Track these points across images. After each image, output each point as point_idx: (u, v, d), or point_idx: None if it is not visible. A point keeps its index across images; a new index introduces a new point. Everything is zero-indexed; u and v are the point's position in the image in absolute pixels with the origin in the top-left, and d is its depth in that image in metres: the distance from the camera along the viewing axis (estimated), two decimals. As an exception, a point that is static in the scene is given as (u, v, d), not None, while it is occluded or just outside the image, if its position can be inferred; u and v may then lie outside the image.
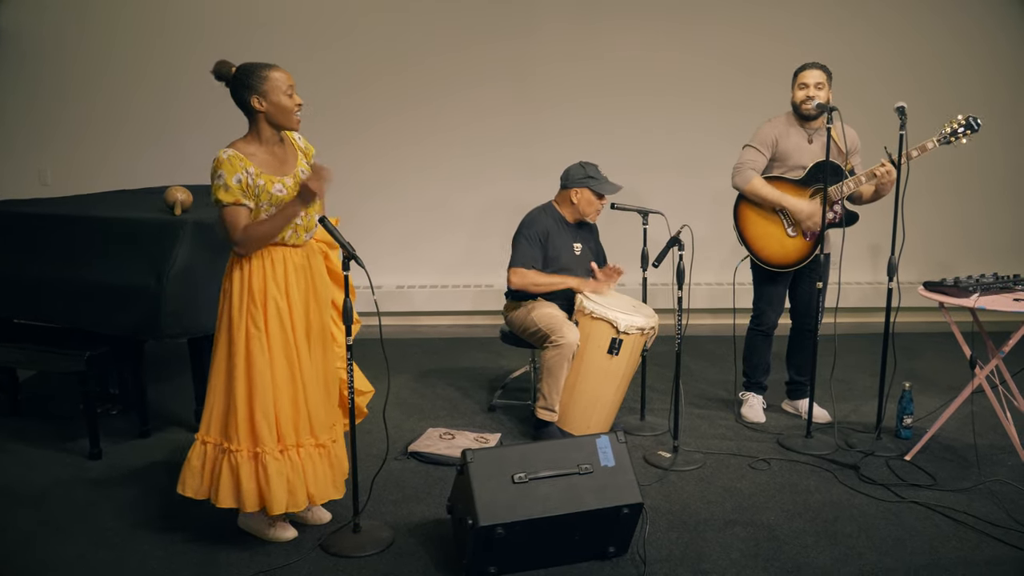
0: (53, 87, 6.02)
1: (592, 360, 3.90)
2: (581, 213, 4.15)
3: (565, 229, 4.17)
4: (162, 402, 4.40)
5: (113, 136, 6.07)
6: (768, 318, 4.29)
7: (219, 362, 3.01)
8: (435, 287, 6.04)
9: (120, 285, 3.76)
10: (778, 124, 4.14)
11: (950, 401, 3.96)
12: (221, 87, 2.95)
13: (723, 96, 6.01)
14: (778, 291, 4.26)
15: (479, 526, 2.75)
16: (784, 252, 4.13)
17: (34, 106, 6.06)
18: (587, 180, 4.09)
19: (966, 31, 6.04)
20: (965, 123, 3.81)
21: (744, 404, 4.40)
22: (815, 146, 4.08)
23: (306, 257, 3.06)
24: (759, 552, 3.08)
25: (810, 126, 4.11)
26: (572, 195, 4.13)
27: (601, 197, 4.11)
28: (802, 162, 4.09)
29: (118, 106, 6.05)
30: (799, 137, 4.10)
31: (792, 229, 4.10)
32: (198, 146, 5.92)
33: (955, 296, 3.63)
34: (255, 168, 2.89)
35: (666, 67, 6.02)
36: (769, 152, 4.11)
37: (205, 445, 3.05)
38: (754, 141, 4.13)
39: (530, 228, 4.13)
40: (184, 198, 4.01)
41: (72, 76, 6.01)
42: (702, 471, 3.74)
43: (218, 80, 2.92)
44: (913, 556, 3.05)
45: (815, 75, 4.01)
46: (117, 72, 6.02)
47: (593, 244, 4.31)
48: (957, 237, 6.14)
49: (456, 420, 4.36)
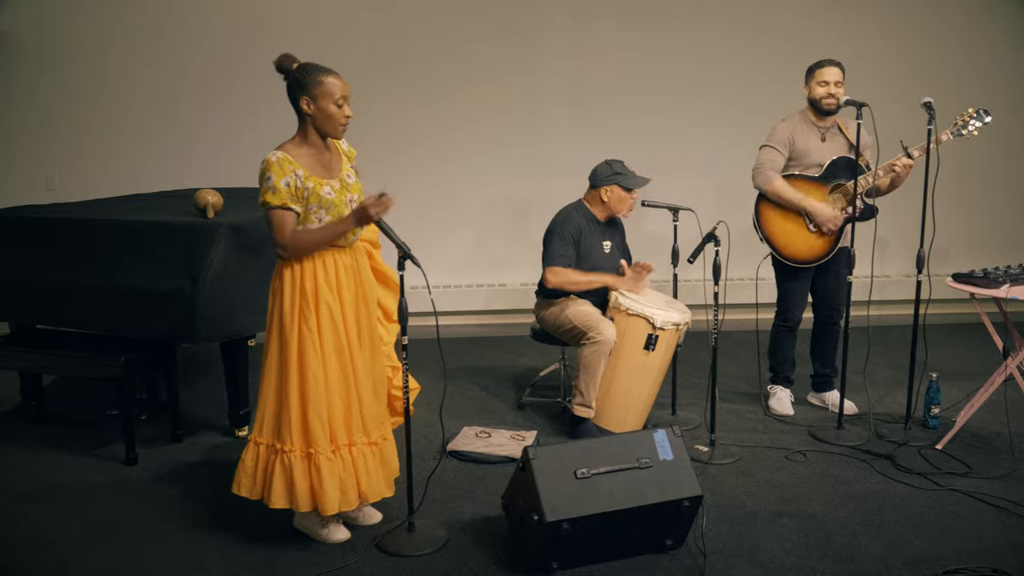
0: (57, 91, 5.95)
1: (628, 356, 3.93)
2: (613, 210, 4.18)
3: (596, 228, 4.20)
4: (190, 406, 4.37)
5: (119, 140, 6.00)
6: (793, 314, 4.35)
7: (271, 364, 3.01)
8: (448, 287, 6.06)
9: (154, 289, 3.73)
10: (793, 123, 4.21)
11: (975, 391, 4.04)
12: (229, 89, 2.94)
13: (730, 95, 6.05)
14: (801, 287, 4.32)
15: (546, 522, 2.76)
16: (807, 248, 4.19)
17: (38, 110, 5.98)
18: (615, 177, 4.11)
19: (973, 28, 6.14)
20: (975, 115, 3.94)
21: (772, 397, 4.46)
22: (828, 144, 4.16)
23: (354, 258, 3.07)
24: (811, 542, 3.13)
25: (823, 124, 4.18)
26: (602, 194, 4.15)
27: (630, 191, 4.14)
28: (817, 160, 4.16)
29: (123, 109, 5.98)
30: (814, 135, 4.18)
31: (813, 226, 4.16)
32: (206, 149, 5.93)
33: (985, 287, 3.71)
34: (304, 171, 2.89)
35: (674, 66, 6.06)
36: (787, 151, 4.18)
37: (258, 446, 3.05)
38: (771, 141, 4.19)
39: (563, 226, 4.14)
40: (215, 201, 3.99)
41: (76, 79, 5.94)
42: (740, 464, 3.79)
43: (278, 72, 2.91)
44: (961, 542, 3.11)
45: (835, 72, 4.08)
46: (121, 75, 5.95)
47: (620, 242, 4.35)
48: (967, 231, 6.24)
49: (488, 419, 4.37)
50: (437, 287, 5.94)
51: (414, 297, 3.04)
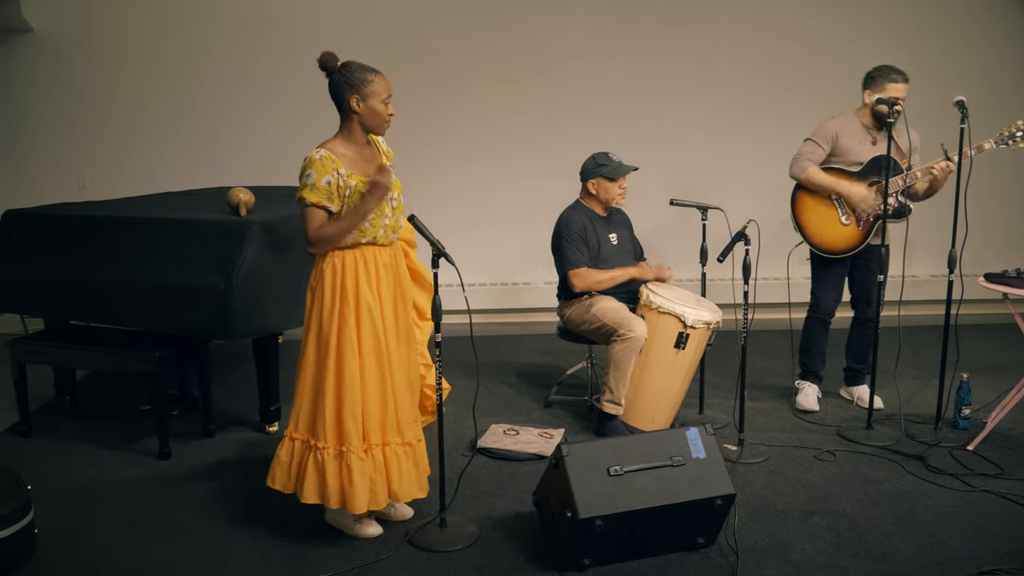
0: (88, 89, 6.03)
1: (658, 354, 3.94)
2: (606, 200, 4.24)
3: (598, 222, 4.25)
4: (221, 402, 4.41)
5: (150, 138, 6.07)
6: (824, 304, 4.37)
7: (308, 360, 3.04)
8: (471, 285, 6.07)
9: (188, 286, 3.77)
10: (842, 121, 4.23)
11: (1007, 391, 4.02)
12: (249, 87, 2.97)
13: (748, 98, 6.04)
14: (834, 277, 4.34)
15: (579, 519, 2.78)
16: (838, 238, 4.22)
17: (70, 109, 6.06)
18: (599, 169, 4.20)
19: (981, 26, 6.08)
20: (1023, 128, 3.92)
21: (799, 392, 4.46)
22: (879, 147, 4.16)
23: (394, 256, 3.10)
24: (842, 541, 3.13)
25: (876, 128, 4.19)
26: (591, 187, 4.24)
27: (615, 180, 4.19)
28: (861, 158, 4.18)
29: (155, 108, 6.05)
30: (863, 137, 4.20)
31: (846, 217, 4.20)
32: (225, 147, 5.99)
33: (1018, 287, 3.69)
34: (346, 169, 2.92)
35: (694, 68, 6.06)
36: (828, 147, 4.21)
37: (293, 441, 3.08)
38: (815, 135, 4.24)
39: (569, 228, 4.18)
40: (247, 199, 4.03)
41: (108, 77, 6.02)
42: (769, 463, 3.79)
43: (322, 70, 2.94)
44: (994, 543, 3.10)
45: (905, 89, 4.10)
46: (143, 73, 6.02)
47: (627, 232, 4.39)
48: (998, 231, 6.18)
49: (515, 416, 4.39)
50: (452, 286, 5.93)
51: (444, 295, 3.05)
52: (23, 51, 6.00)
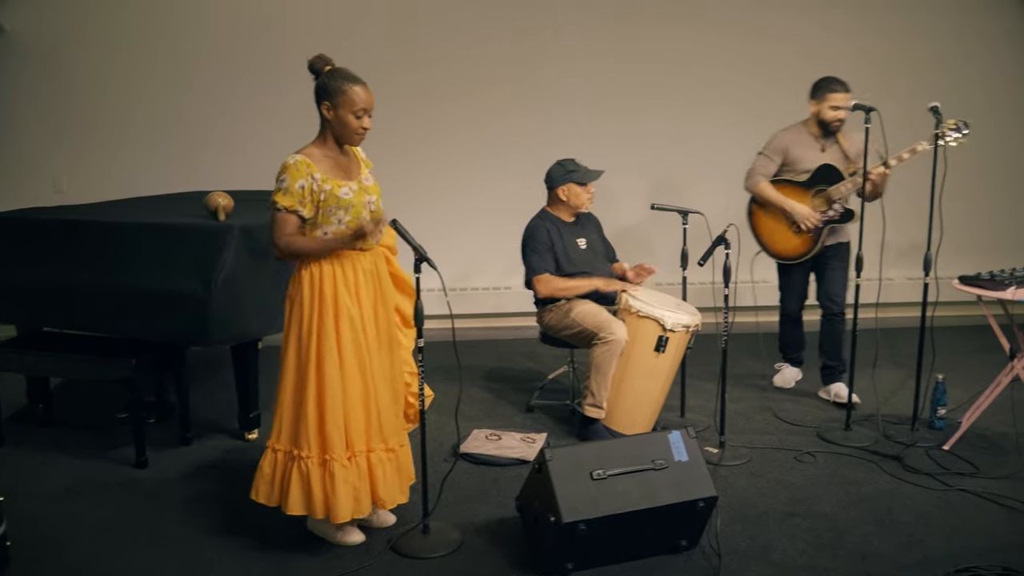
0: (63, 92, 5.95)
1: (639, 358, 3.95)
2: (576, 206, 4.28)
3: (565, 229, 4.29)
4: (199, 409, 4.36)
5: (125, 142, 6.01)
6: (788, 305, 4.70)
7: (288, 369, 3.01)
8: (453, 290, 6.06)
9: (166, 291, 3.74)
10: (791, 133, 4.49)
11: (980, 392, 4.07)
12: (238, 90, 2.96)
13: (731, 102, 6.08)
14: (794, 280, 4.63)
15: (562, 523, 2.78)
16: (790, 246, 4.52)
17: (44, 112, 5.98)
18: (569, 175, 4.25)
19: (975, 29, 6.16)
20: (955, 126, 4.04)
21: (777, 373, 4.89)
22: (827, 154, 4.41)
23: (374, 262, 3.08)
24: (823, 542, 3.15)
25: (825, 137, 4.43)
26: (560, 194, 4.27)
27: (585, 185, 4.24)
28: (812, 167, 4.41)
29: (129, 111, 5.98)
30: (812, 146, 4.44)
31: (795, 227, 4.46)
32: (213, 150, 5.93)
33: (992, 289, 3.73)
34: (321, 174, 2.91)
35: (680, 72, 6.09)
36: (779, 159, 4.49)
37: (276, 453, 3.05)
38: (766, 149, 4.53)
39: (534, 237, 4.23)
40: (226, 203, 3.99)
41: (82, 81, 5.94)
42: (750, 465, 3.81)
43: (311, 72, 2.93)
44: (971, 541, 3.14)
45: (846, 97, 4.31)
46: (127, 76, 5.96)
47: (596, 236, 4.43)
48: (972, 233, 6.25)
49: (497, 421, 4.38)
50: (433, 291, 5.92)
51: (426, 300, 3.04)
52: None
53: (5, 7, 5.80)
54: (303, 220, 2.93)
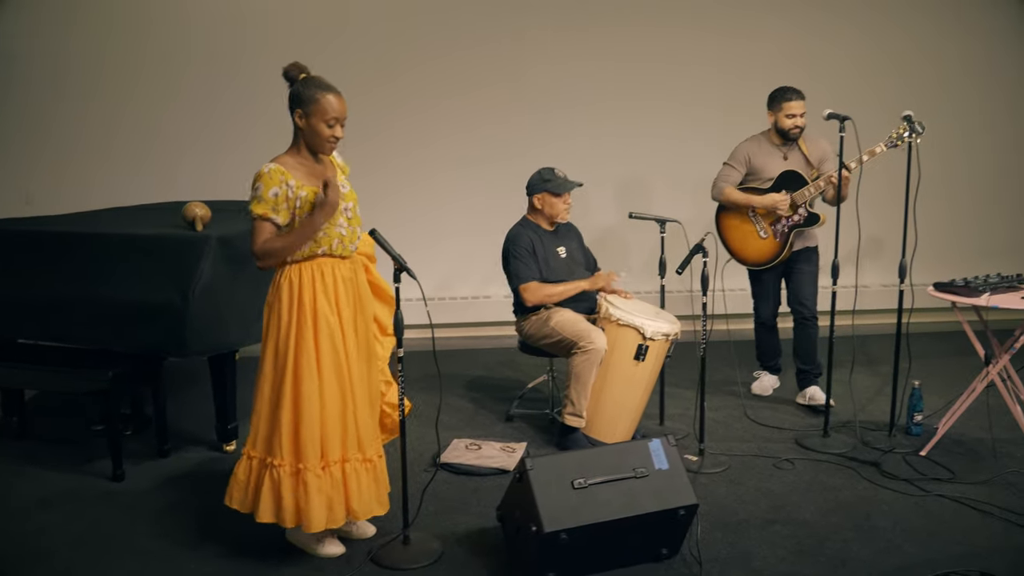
0: (34, 103, 5.88)
1: (618, 367, 3.96)
2: (551, 215, 4.29)
3: (545, 237, 4.30)
4: (176, 420, 4.31)
5: (97, 153, 5.94)
6: (761, 312, 4.76)
7: (265, 377, 3.00)
8: (432, 299, 6.04)
9: (143, 302, 3.71)
10: (752, 143, 4.59)
11: (956, 397, 4.11)
12: (212, 103, 2.95)
13: (711, 101, 6.11)
14: (765, 286, 4.70)
15: (544, 532, 2.77)
16: (758, 252, 4.58)
17: (14, 124, 5.90)
18: (544, 184, 4.25)
19: (963, 35, 6.24)
20: (909, 127, 4.08)
21: (756, 381, 4.91)
22: (789, 163, 4.49)
23: (353, 270, 3.07)
24: (803, 548, 3.17)
25: (786, 145, 4.51)
26: (536, 202, 4.29)
27: (560, 196, 4.23)
28: (774, 175, 4.49)
29: (102, 122, 5.92)
30: (774, 154, 4.53)
31: (763, 232, 4.52)
32: (188, 163, 5.89)
33: (966, 296, 3.78)
34: (296, 181, 2.90)
35: (660, 73, 6.12)
36: (743, 168, 4.57)
37: (251, 459, 3.03)
38: (730, 159, 4.62)
39: (517, 244, 4.22)
40: (203, 213, 3.97)
41: (53, 91, 5.87)
42: (730, 473, 3.83)
43: (285, 80, 2.93)
44: (949, 546, 3.17)
45: (801, 105, 4.42)
46: (100, 87, 5.90)
47: (576, 245, 4.43)
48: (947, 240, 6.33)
49: (476, 431, 4.37)
50: (411, 300, 5.90)
51: (405, 309, 3.04)
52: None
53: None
54: (279, 228, 2.91)
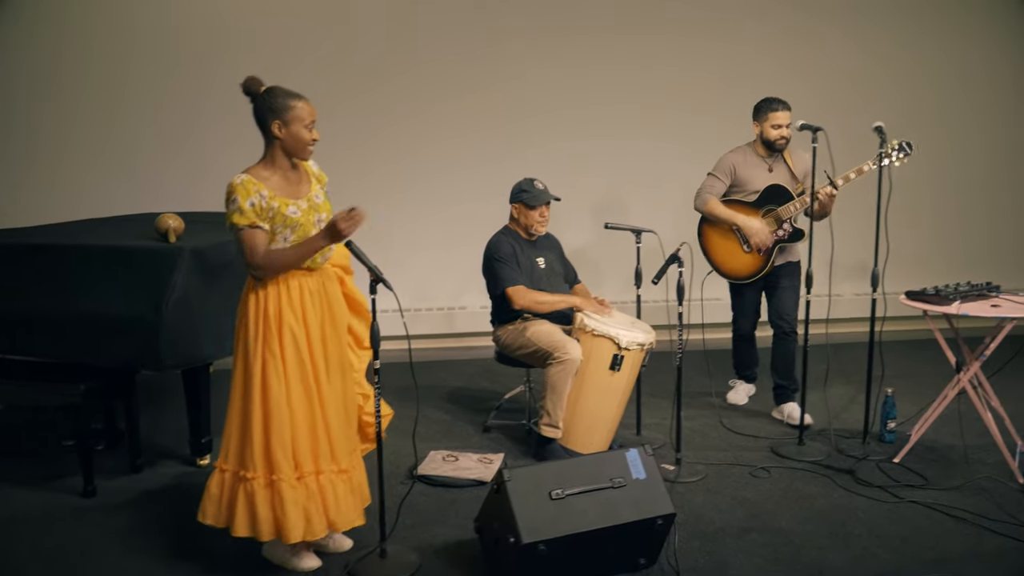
0: (4, 112, 5.80)
1: (594, 377, 3.96)
2: (525, 226, 4.29)
3: (526, 246, 4.30)
4: (149, 435, 4.26)
5: (67, 166, 5.86)
6: (741, 325, 4.76)
7: (236, 389, 2.99)
8: (408, 310, 6.03)
9: (116, 315, 3.67)
10: (739, 154, 4.55)
11: (928, 405, 4.15)
12: (184, 112, 2.93)
13: (683, 122, 6.16)
14: (746, 300, 4.68)
15: (522, 543, 2.77)
16: (741, 265, 4.54)
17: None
18: (520, 195, 4.26)
19: (938, 45, 6.32)
20: (899, 147, 4.16)
21: (731, 390, 4.94)
22: (774, 175, 4.46)
23: (321, 282, 3.06)
24: (779, 557, 3.19)
25: (771, 156, 4.49)
26: (513, 212, 4.30)
27: (534, 208, 4.23)
28: (760, 188, 4.47)
29: (72, 135, 5.85)
30: (759, 166, 4.50)
31: (747, 246, 4.49)
32: (157, 175, 5.83)
33: (937, 304, 3.83)
34: (268, 191, 2.89)
35: (630, 90, 6.17)
36: (728, 179, 4.53)
37: (223, 473, 3.01)
38: (715, 169, 4.57)
39: (499, 251, 4.22)
40: (176, 225, 3.93)
41: (22, 103, 5.80)
42: (706, 482, 3.84)
43: (246, 95, 2.92)
44: (923, 552, 3.20)
45: (787, 116, 4.40)
46: (71, 99, 5.83)
47: (556, 256, 4.44)
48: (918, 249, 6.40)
49: (453, 442, 4.35)
50: (387, 312, 5.87)
51: (381, 320, 3.02)
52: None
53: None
54: (267, 233, 2.90)
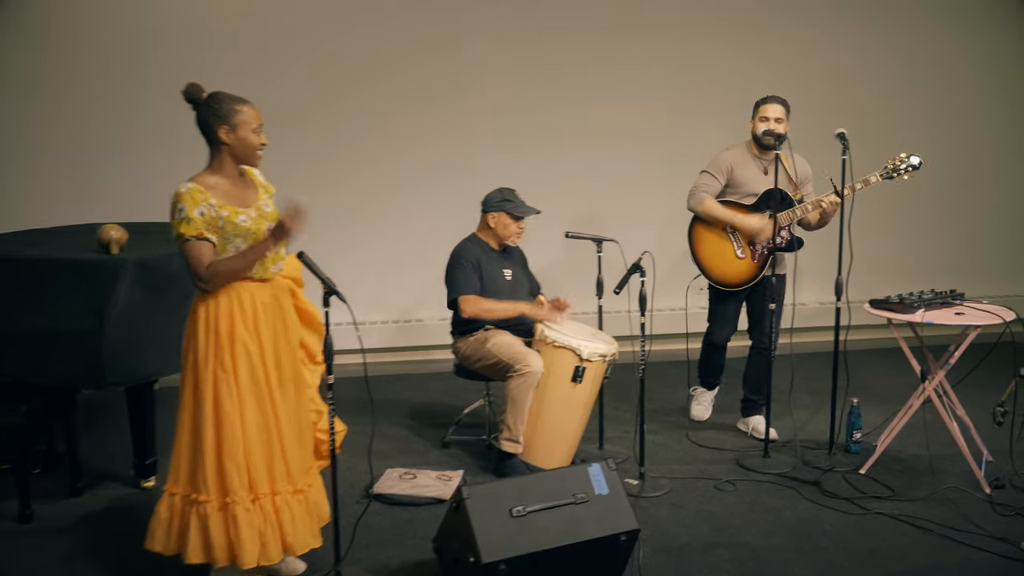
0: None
1: (555, 389, 3.87)
2: (502, 236, 4.20)
3: (493, 257, 4.22)
4: (90, 456, 4.06)
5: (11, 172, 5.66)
6: (717, 335, 4.51)
7: (185, 408, 2.84)
8: (362, 323, 5.87)
9: (56, 331, 3.50)
10: (735, 152, 4.35)
11: (894, 414, 4.12)
12: (134, 119, 2.82)
13: (647, 129, 6.12)
14: (728, 310, 4.46)
15: (482, 563, 2.66)
16: (733, 271, 4.32)
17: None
18: (503, 204, 4.16)
19: (906, 51, 6.32)
20: (906, 158, 4.08)
21: (693, 400, 4.73)
22: (770, 176, 4.26)
23: (274, 295, 2.94)
24: (745, 571, 3.12)
25: (766, 157, 4.30)
26: (489, 220, 4.19)
27: (518, 220, 4.15)
28: (756, 190, 4.28)
29: (13, 140, 5.64)
30: (755, 167, 4.32)
31: (741, 251, 4.30)
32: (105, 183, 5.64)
33: (901, 312, 3.80)
34: (217, 200, 2.77)
35: (595, 100, 6.10)
36: (724, 178, 4.31)
37: (173, 496, 2.86)
38: (710, 167, 4.33)
39: (463, 256, 4.14)
40: (119, 236, 3.76)
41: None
42: (671, 496, 3.76)
43: (188, 102, 2.80)
44: (889, 564, 3.16)
45: (776, 109, 4.22)
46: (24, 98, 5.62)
47: (521, 268, 4.35)
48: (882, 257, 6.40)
49: (411, 459, 4.23)
50: (340, 324, 5.72)
51: (335, 334, 2.90)
52: None
53: None
54: (214, 245, 2.78)
